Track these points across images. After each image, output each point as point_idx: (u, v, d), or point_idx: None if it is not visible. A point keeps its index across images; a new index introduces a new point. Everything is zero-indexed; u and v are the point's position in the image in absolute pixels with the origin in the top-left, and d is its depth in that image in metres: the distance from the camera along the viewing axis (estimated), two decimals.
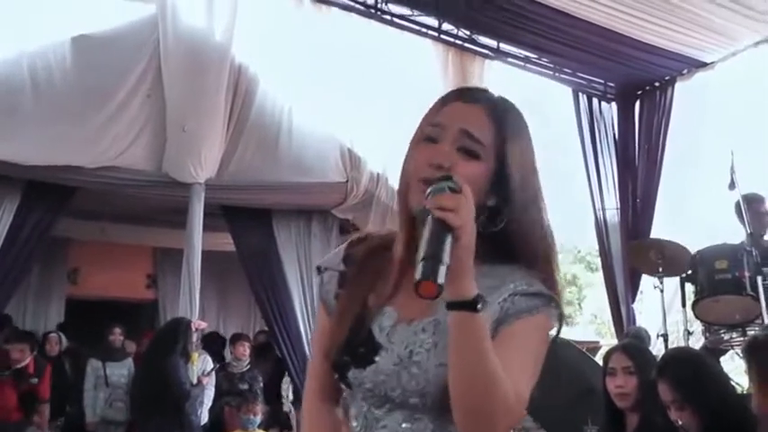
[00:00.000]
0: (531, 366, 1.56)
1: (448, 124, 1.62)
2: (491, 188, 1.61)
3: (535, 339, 1.59)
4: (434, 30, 9.69)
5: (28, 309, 9.95)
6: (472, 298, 1.40)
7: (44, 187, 7.58)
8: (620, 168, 10.29)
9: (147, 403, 7.13)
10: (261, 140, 8.43)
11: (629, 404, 3.66)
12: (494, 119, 1.64)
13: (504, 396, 1.43)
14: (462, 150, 1.60)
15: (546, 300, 1.60)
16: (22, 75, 7.27)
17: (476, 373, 1.42)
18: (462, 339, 1.42)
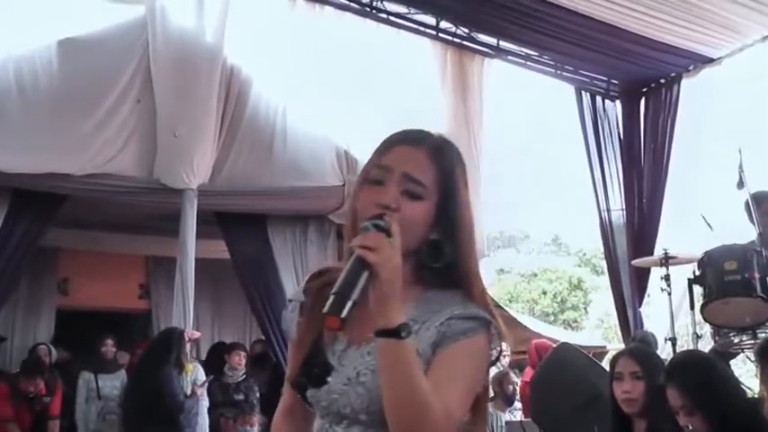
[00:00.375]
0: (464, 386, 1.68)
1: (392, 167, 1.76)
2: (434, 223, 1.76)
3: (470, 360, 1.70)
4: (432, 28, 9.54)
5: (17, 321, 9.77)
6: (396, 326, 1.55)
7: (32, 196, 7.43)
8: (625, 168, 10.11)
9: (139, 416, 7.02)
10: (254, 144, 8.31)
11: (636, 410, 3.60)
12: (435, 160, 1.78)
13: (431, 417, 1.57)
14: (406, 193, 1.74)
15: (482, 322, 1.72)
16: (7, 79, 7.15)
17: (403, 395, 1.57)
18: (389, 364, 1.58)
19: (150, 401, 6.91)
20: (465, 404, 1.68)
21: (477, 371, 1.72)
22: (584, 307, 29.07)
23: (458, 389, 1.65)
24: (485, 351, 1.72)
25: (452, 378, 1.65)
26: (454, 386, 1.65)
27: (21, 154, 7.02)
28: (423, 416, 1.56)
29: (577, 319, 28.53)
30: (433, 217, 1.75)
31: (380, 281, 1.54)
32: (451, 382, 1.64)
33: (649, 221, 9.68)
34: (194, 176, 7.84)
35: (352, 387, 1.70)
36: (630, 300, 9.56)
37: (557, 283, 29.13)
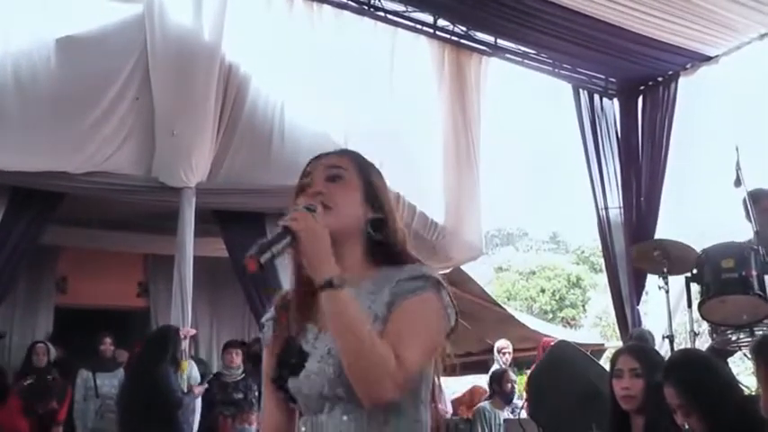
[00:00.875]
0: (418, 340, 1.81)
1: (314, 170, 2.02)
2: (365, 202, 1.99)
3: (422, 316, 1.84)
4: (430, 26, 9.57)
5: (16, 319, 9.73)
6: (328, 279, 1.75)
7: (30, 194, 7.44)
8: (623, 166, 10.09)
9: (136, 413, 6.94)
10: (253, 142, 8.33)
11: (634, 406, 3.59)
12: (351, 158, 2.05)
13: (374, 353, 1.72)
14: (330, 179, 1.98)
15: (430, 281, 1.89)
16: (6, 77, 7.17)
17: (346, 336, 1.74)
18: (332, 311, 1.76)
19: (147, 399, 6.85)
20: (421, 358, 1.82)
21: (431, 326, 1.86)
22: (582, 305, 29.06)
23: (412, 342, 1.79)
24: (437, 308, 1.87)
25: (406, 331, 1.79)
26: (408, 339, 1.78)
27: (19, 152, 7.02)
28: (368, 356, 1.72)
29: (576, 317, 28.52)
30: (361, 198, 1.98)
31: (303, 243, 1.77)
32: (405, 335, 1.79)
33: (647, 219, 9.68)
34: (192, 174, 7.82)
35: (325, 362, 1.85)
36: (628, 297, 9.55)
37: (555, 281, 29.12)
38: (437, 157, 9.47)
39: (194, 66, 7.92)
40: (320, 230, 1.80)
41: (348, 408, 1.84)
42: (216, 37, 8.02)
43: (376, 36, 9.20)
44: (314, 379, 1.86)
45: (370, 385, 1.75)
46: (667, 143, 9.56)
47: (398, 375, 1.74)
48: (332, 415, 1.86)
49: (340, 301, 1.75)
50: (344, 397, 1.83)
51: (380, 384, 1.74)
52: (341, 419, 1.85)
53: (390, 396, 1.76)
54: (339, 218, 1.91)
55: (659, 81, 9.99)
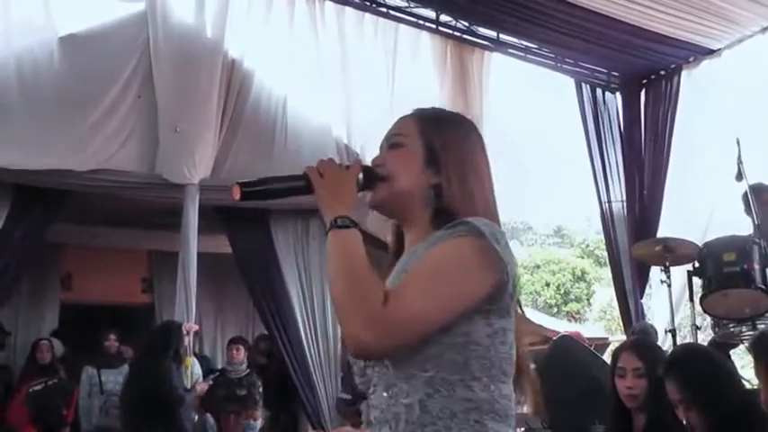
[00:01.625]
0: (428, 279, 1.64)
1: (386, 138, 1.96)
2: (427, 168, 1.86)
3: (444, 257, 1.66)
4: (432, 21, 9.55)
5: (21, 316, 9.77)
6: (333, 218, 1.72)
7: (34, 192, 7.44)
8: (625, 160, 10.10)
9: (138, 409, 6.96)
10: (256, 138, 8.32)
11: (637, 404, 3.63)
12: (416, 120, 1.94)
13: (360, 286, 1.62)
14: (390, 146, 1.92)
15: (468, 227, 1.68)
16: (9, 76, 7.17)
17: (337, 274, 1.67)
18: (331, 247, 1.71)
19: (149, 395, 6.88)
20: (424, 303, 1.61)
21: (450, 272, 1.65)
22: (587, 298, 29.06)
23: (415, 284, 1.63)
24: (465, 255, 1.66)
25: (413, 272, 1.67)
26: (412, 280, 1.64)
27: (23, 150, 7.05)
28: (352, 289, 1.62)
29: (580, 311, 28.53)
30: (422, 164, 1.85)
31: (316, 185, 1.79)
32: (411, 276, 1.66)
33: (650, 213, 9.69)
34: (196, 171, 7.82)
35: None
36: (632, 291, 9.56)
37: (560, 275, 29.12)
38: None
39: (197, 63, 7.91)
40: (337, 174, 1.80)
41: (388, 382, 1.71)
42: (218, 33, 8.03)
43: (378, 32, 9.18)
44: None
45: (344, 323, 1.62)
46: (670, 136, 9.56)
47: (378, 317, 1.58)
48: (377, 394, 1.74)
49: (341, 238, 1.70)
50: (381, 366, 1.73)
51: (354, 323, 1.60)
52: (383, 397, 1.72)
53: (366, 339, 1.59)
54: (398, 186, 1.84)
55: (662, 75, 10.00)
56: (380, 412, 1.71)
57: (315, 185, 1.78)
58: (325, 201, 1.76)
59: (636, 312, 9.40)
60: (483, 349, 1.67)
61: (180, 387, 7.16)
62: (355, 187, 1.82)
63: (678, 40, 9.19)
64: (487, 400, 1.66)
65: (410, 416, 1.64)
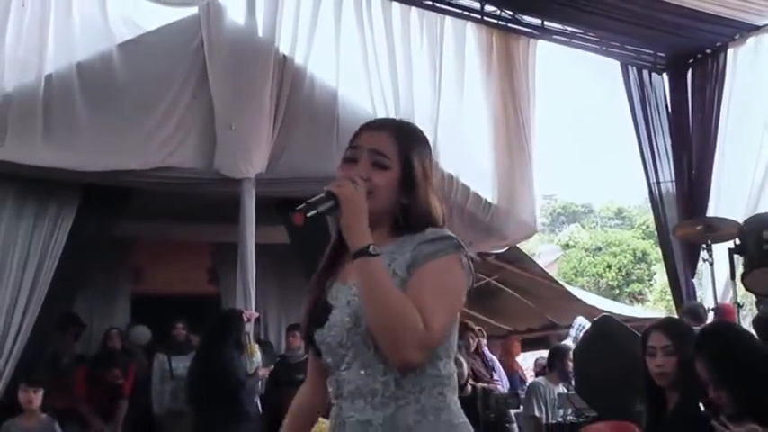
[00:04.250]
0: (439, 296, 1.91)
1: (362, 146, 2.12)
2: (401, 189, 2.09)
3: (443, 278, 1.95)
4: (477, 12, 9.68)
5: (95, 307, 10.12)
6: (364, 246, 1.89)
7: (101, 190, 7.77)
8: (673, 140, 10.12)
9: (202, 394, 7.25)
10: (309, 132, 8.52)
11: (668, 383, 3.63)
12: (396, 138, 2.13)
13: (405, 318, 1.83)
14: (375, 165, 2.08)
15: (450, 243, 2.01)
16: (73, 86, 7.52)
17: (375, 300, 1.86)
18: (363, 278, 1.89)
19: (211, 381, 7.15)
20: (445, 319, 1.91)
21: (453, 289, 1.97)
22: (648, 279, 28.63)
23: (438, 305, 1.88)
24: (458, 271, 1.99)
25: (428, 292, 1.89)
26: (433, 303, 1.88)
27: (88, 153, 7.41)
28: (397, 319, 1.83)
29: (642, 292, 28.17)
30: (399, 183, 2.07)
31: (344, 210, 1.94)
32: (428, 295, 1.88)
33: (699, 192, 9.72)
34: (251, 166, 8.05)
35: (345, 314, 1.99)
36: (683, 270, 9.58)
37: (621, 257, 28.75)
38: (488, 140, 9.62)
39: (249, 62, 8.16)
40: (360, 201, 1.94)
41: (365, 361, 1.95)
42: (269, 32, 8.29)
43: (424, 25, 9.35)
44: (335, 329, 1.99)
45: (398, 350, 1.84)
46: (717, 115, 9.57)
47: (426, 340, 1.84)
48: (351, 370, 1.97)
49: (373, 268, 1.87)
50: (362, 348, 1.95)
51: (409, 349, 1.83)
52: (359, 374, 1.96)
53: (417, 360, 1.86)
54: (376, 204, 2.01)
55: (707, 54, 10.02)
56: (355, 387, 1.97)
57: (343, 210, 1.94)
58: (354, 227, 1.93)
59: (686, 291, 9.42)
60: (447, 336, 2.00)
61: (241, 372, 7.39)
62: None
63: (723, 17, 9.20)
64: (448, 375, 2.01)
65: (386, 391, 1.93)
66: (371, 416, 1.93)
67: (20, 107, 7.23)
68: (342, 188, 1.95)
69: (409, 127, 2.24)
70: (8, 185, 7.52)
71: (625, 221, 35.38)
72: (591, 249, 29.88)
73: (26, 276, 7.42)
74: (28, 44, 7.39)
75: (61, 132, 7.41)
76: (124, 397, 8.40)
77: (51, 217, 7.62)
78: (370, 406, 1.94)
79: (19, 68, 7.31)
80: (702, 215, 8.57)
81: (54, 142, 7.33)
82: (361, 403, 1.96)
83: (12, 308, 7.33)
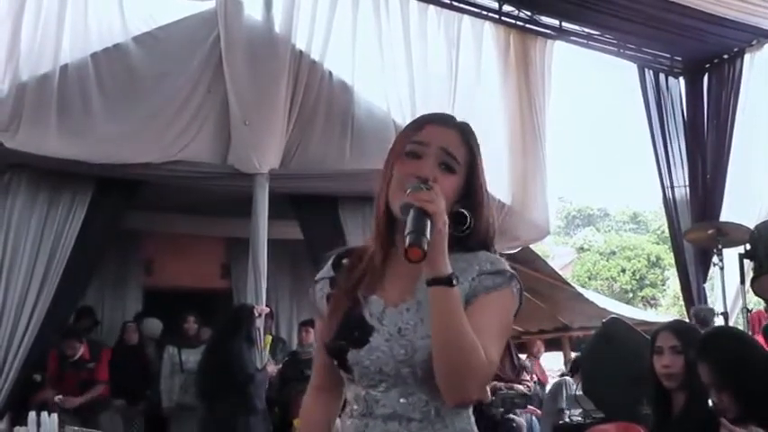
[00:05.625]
0: (498, 332, 1.80)
1: (430, 142, 1.90)
2: (459, 198, 1.90)
3: (501, 310, 1.84)
4: (495, 12, 9.69)
5: (106, 299, 10.19)
6: (447, 275, 1.69)
7: (114, 183, 7.83)
8: (688, 144, 10.10)
9: (212, 388, 7.29)
10: (324, 128, 8.54)
11: (675, 384, 3.61)
12: (464, 141, 1.94)
13: (477, 356, 1.68)
14: (443, 166, 1.89)
15: (508, 277, 1.87)
16: (89, 77, 7.57)
17: (452, 337, 1.69)
18: (441, 310, 1.70)
19: (222, 375, 7.18)
20: (499, 353, 1.79)
21: (507, 322, 1.87)
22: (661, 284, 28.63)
23: (494, 337, 1.76)
24: (512, 304, 1.87)
25: (489, 326, 1.76)
26: (491, 334, 1.75)
27: (103, 145, 7.44)
28: (470, 358, 1.68)
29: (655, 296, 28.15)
30: (460, 191, 1.89)
31: (435, 230, 1.67)
32: (488, 330, 1.75)
33: (713, 197, 9.69)
34: (265, 161, 8.07)
35: (396, 341, 1.81)
36: (695, 275, 9.57)
37: (635, 261, 28.75)
38: (503, 140, 9.62)
39: (266, 57, 8.19)
40: (446, 219, 1.72)
41: (408, 390, 1.81)
42: (287, 27, 8.32)
43: (441, 23, 9.36)
44: (379, 356, 1.82)
45: (463, 389, 1.73)
46: (732, 120, 9.56)
47: (488, 377, 1.77)
48: (388, 394, 1.83)
49: (453, 300, 1.69)
50: (407, 378, 1.81)
51: (474, 388, 1.73)
52: (397, 400, 1.82)
53: (478, 397, 1.79)
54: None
55: (724, 59, 10.00)
56: (392, 411, 1.83)
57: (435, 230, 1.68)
58: (441, 249, 1.70)
59: (698, 296, 9.40)
60: None
61: (251, 366, 7.42)
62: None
63: (741, 23, 9.20)
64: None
65: (425, 419, 1.82)
66: None
67: (34, 97, 7.27)
68: (433, 204, 1.70)
69: (471, 129, 2.02)
70: (21, 175, 7.55)
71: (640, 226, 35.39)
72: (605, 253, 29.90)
73: (37, 268, 7.46)
74: (44, 34, 7.43)
75: (75, 123, 7.45)
76: (99, 382, 8.27)
77: (64, 208, 7.66)
78: (405, 429, 1.82)
79: (35, 58, 7.35)
80: (715, 220, 8.52)
81: (68, 133, 7.36)
82: (395, 425, 1.83)
83: (22, 299, 7.37)
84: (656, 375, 3.68)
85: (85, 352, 8.09)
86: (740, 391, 3.16)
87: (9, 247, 7.41)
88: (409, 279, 1.85)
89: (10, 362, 7.27)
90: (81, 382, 8.09)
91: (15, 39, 7.25)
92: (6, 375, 7.25)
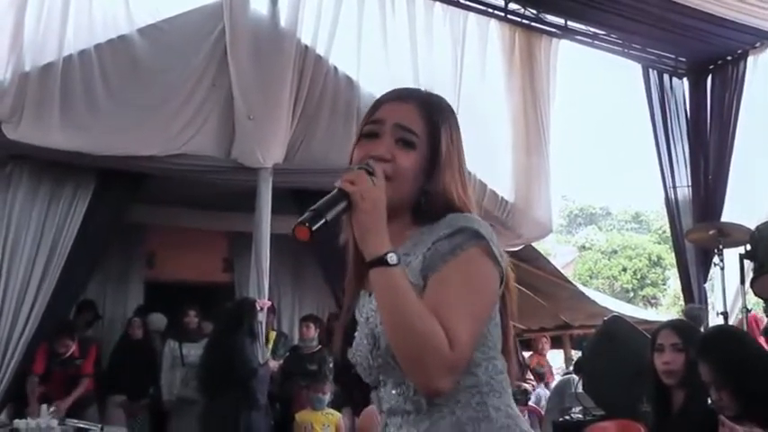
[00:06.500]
0: (467, 307, 1.63)
1: (384, 119, 1.82)
2: (426, 171, 1.79)
3: (467, 278, 1.66)
4: (501, 9, 9.69)
5: (108, 293, 10.17)
6: (381, 254, 1.60)
7: (116, 175, 7.83)
8: (691, 145, 10.12)
9: (214, 382, 7.29)
10: (329, 123, 8.54)
11: (675, 381, 3.69)
12: (423, 112, 1.83)
13: (433, 339, 1.55)
14: (401, 142, 1.79)
15: (470, 234, 1.69)
16: (93, 69, 7.54)
17: (399, 321, 1.58)
18: (380, 292, 1.62)
19: (223, 369, 7.16)
20: (472, 330, 1.62)
21: (479, 290, 1.67)
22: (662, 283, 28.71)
23: (462, 313, 1.60)
24: (482, 265, 1.68)
25: (453, 302, 1.61)
26: (457, 310, 1.60)
27: (106, 137, 7.42)
28: (424, 342, 1.55)
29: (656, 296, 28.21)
30: (425, 165, 1.78)
31: (358, 211, 1.62)
32: (453, 306, 1.60)
33: (715, 198, 9.71)
34: (269, 156, 8.07)
35: (362, 331, 1.76)
36: (696, 275, 9.58)
37: (636, 260, 28.84)
38: (507, 137, 9.63)
39: (271, 51, 8.19)
40: (377, 198, 1.64)
41: (396, 380, 1.74)
42: (292, 22, 8.32)
43: (447, 20, 9.38)
44: (359, 349, 1.78)
45: (423, 376, 1.59)
46: (735, 122, 9.58)
47: (453, 362, 1.58)
48: (386, 389, 1.78)
49: (392, 280, 1.59)
50: (387, 367, 1.73)
51: (435, 375, 1.58)
52: (392, 393, 1.76)
53: (445, 386, 1.60)
54: (399, 190, 1.75)
55: (728, 60, 10.01)
56: (391, 405, 1.78)
57: (357, 210, 1.63)
58: (369, 230, 1.63)
59: (699, 296, 9.42)
60: (483, 338, 1.72)
61: (253, 361, 7.39)
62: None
63: (745, 25, 9.21)
64: (487, 381, 1.73)
65: (419, 410, 1.71)
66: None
67: (37, 88, 7.23)
68: (356, 185, 1.64)
69: (436, 98, 1.92)
70: (23, 167, 7.56)
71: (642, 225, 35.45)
72: (607, 252, 29.98)
73: (38, 261, 7.47)
74: (48, 24, 7.39)
75: (79, 115, 7.42)
76: (85, 376, 8.07)
77: (66, 200, 7.68)
78: (407, 423, 1.73)
79: (38, 48, 7.30)
80: (716, 220, 8.53)
81: (71, 125, 7.34)
82: (398, 420, 1.76)
83: (23, 293, 7.38)
84: (656, 372, 3.76)
85: (75, 349, 7.96)
86: (739, 391, 3.22)
87: (10, 240, 7.41)
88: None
89: (10, 355, 7.28)
90: (68, 378, 7.96)
91: (19, 28, 7.20)
92: (6, 368, 7.26)
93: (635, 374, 5.13)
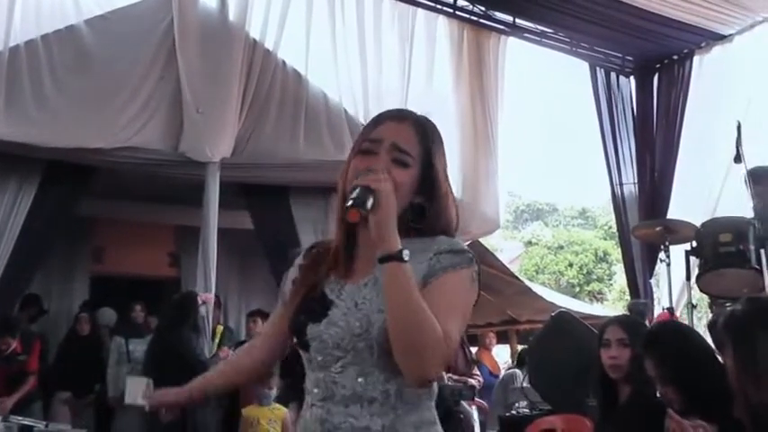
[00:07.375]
0: (458, 310, 1.84)
1: (382, 138, 1.98)
2: (418, 189, 1.97)
3: (461, 289, 1.88)
4: (449, 6, 9.73)
5: (53, 287, 10.01)
6: (397, 251, 1.75)
7: (64, 168, 7.73)
8: (638, 143, 10.27)
9: (160, 377, 7.19)
10: (276, 117, 8.52)
11: (621, 375, 3.71)
12: (418, 134, 2.00)
13: (433, 332, 1.71)
14: (395, 161, 1.95)
15: (467, 258, 1.92)
16: (40, 60, 7.46)
17: (406, 313, 1.73)
18: (392, 285, 1.75)
19: (169, 363, 6.98)
20: (458, 334, 1.82)
21: (467, 302, 1.89)
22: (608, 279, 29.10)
23: (453, 315, 1.79)
24: (471, 284, 1.90)
25: (447, 305, 1.80)
26: (450, 312, 1.78)
27: (53, 128, 7.32)
28: (426, 335, 1.70)
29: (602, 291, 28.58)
30: (416, 183, 1.95)
31: (381, 208, 1.76)
32: (447, 308, 1.78)
33: (660, 195, 9.85)
34: (217, 150, 8.04)
35: (352, 315, 1.88)
36: (641, 271, 9.72)
37: (582, 256, 29.17)
38: (455, 134, 9.65)
39: (219, 45, 8.18)
40: (394, 199, 1.80)
41: (364, 368, 1.85)
42: (241, 16, 8.30)
43: (396, 16, 9.39)
44: (334, 329, 1.88)
45: (422, 366, 1.75)
46: (681, 120, 9.73)
47: (447, 355, 1.77)
48: (345, 375, 1.87)
49: (405, 275, 1.74)
50: (364, 354, 1.85)
51: (432, 365, 1.75)
52: (355, 380, 1.86)
53: (437, 376, 1.82)
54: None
55: (674, 59, 10.16)
56: (351, 392, 1.86)
57: (380, 207, 1.77)
58: (389, 226, 1.77)
59: (644, 292, 9.56)
60: None
61: (199, 354, 7.33)
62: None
63: (691, 25, 9.34)
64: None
65: (386, 400, 1.85)
66: (369, 422, 1.84)
67: None
68: (381, 182, 1.80)
69: (430, 123, 2.08)
70: None
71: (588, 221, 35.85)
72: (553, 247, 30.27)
73: None
74: None
75: (25, 106, 7.33)
76: (30, 373, 7.77)
77: (11, 193, 7.57)
78: (368, 413, 1.85)
79: None
80: (662, 217, 8.66)
81: (17, 116, 7.25)
82: (356, 409, 1.86)
83: None
84: (602, 367, 3.78)
85: (17, 345, 7.65)
86: (684, 385, 3.22)
87: None
88: (370, 262, 1.89)
89: None
90: (11, 375, 7.66)
91: None
92: None
93: (582, 369, 5.20)
